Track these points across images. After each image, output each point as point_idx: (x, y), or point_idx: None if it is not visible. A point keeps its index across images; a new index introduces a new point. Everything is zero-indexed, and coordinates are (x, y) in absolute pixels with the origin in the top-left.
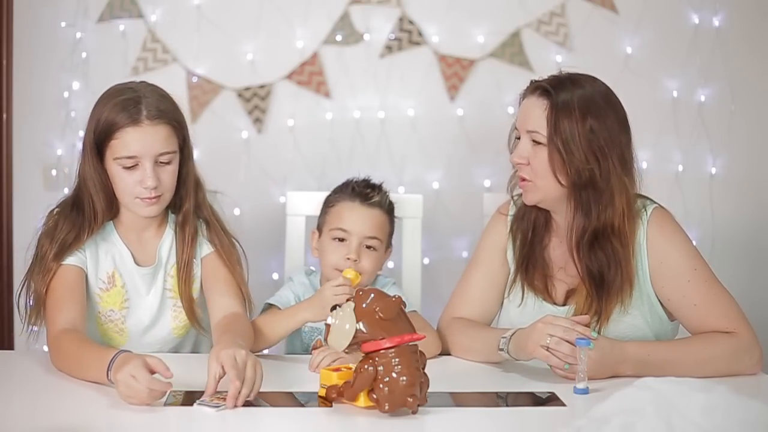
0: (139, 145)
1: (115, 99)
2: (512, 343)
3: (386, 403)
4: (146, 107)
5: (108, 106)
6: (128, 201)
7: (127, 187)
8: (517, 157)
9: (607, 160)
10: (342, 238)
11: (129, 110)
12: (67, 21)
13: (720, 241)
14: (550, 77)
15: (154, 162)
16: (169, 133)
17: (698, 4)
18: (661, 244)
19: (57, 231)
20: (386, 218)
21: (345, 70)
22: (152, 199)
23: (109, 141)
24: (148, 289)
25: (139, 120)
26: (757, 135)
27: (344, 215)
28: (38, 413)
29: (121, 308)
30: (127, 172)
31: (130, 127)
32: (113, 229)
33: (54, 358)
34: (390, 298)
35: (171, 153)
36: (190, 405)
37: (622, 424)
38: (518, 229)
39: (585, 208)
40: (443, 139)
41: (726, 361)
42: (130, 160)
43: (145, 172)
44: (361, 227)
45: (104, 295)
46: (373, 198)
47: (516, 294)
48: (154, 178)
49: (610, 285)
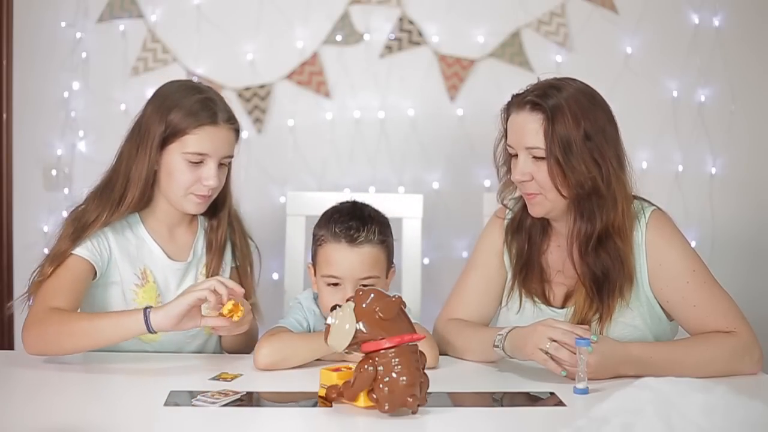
0: (213, 144)
1: (191, 96)
2: (508, 340)
3: (386, 403)
4: (223, 110)
5: (188, 100)
6: (180, 195)
7: (186, 181)
8: (520, 175)
9: (606, 162)
10: (335, 284)
11: (211, 109)
12: (67, 21)
13: (720, 242)
14: (531, 88)
15: (218, 163)
16: (234, 138)
17: (698, 4)
18: (660, 246)
19: (81, 216)
20: (379, 250)
21: (345, 70)
22: (206, 197)
23: (182, 136)
24: (178, 284)
25: (218, 120)
26: (757, 135)
27: (332, 260)
28: (38, 413)
29: (156, 303)
30: (190, 167)
31: (209, 125)
32: (140, 224)
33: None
34: (390, 298)
35: (231, 157)
36: (190, 404)
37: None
38: (514, 238)
39: (588, 215)
40: (443, 139)
41: (726, 361)
42: (199, 156)
43: (210, 171)
44: (352, 272)
45: (140, 291)
46: (359, 238)
47: (514, 301)
48: (217, 178)
49: (613, 283)
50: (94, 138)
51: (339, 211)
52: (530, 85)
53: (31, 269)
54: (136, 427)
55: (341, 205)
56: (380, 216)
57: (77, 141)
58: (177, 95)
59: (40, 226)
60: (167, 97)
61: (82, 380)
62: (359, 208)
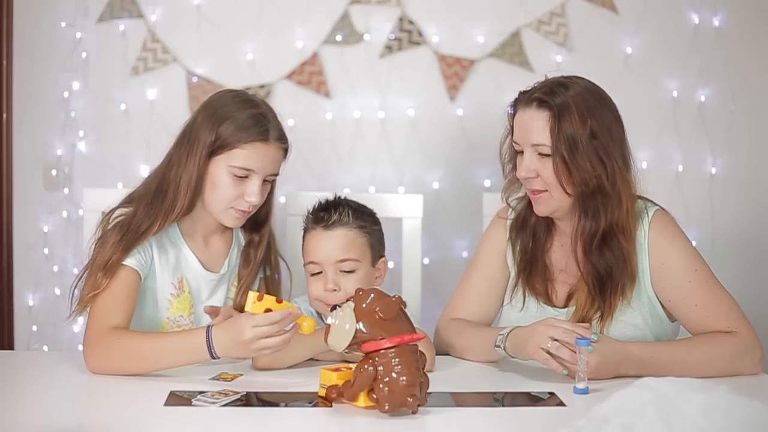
0: (261, 161)
1: (247, 110)
2: (509, 340)
3: (386, 403)
4: (275, 127)
5: (241, 114)
6: (221, 208)
7: (229, 195)
8: (525, 172)
9: (612, 161)
10: (316, 272)
11: (262, 125)
12: (67, 21)
13: (720, 242)
14: (539, 86)
15: (263, 180)
16: (282, 158)
17: (698, 4)
18: (663, 245)
19: (131, 223)
20: (356, 234)
21: (345, 70)
22: (245, 212)
23: (232, 147)
24: (210, 295)
25: (268, 138)
26: (757, 135)
27: (310, 246)
28: (38, 413)
29: (190, 314)
30: (234, 181)
31: (260, 142)
32: (178, 232)
33: (101, 357)
34: (390, 298)
35: (276, 175)
36: (190, 404)
37: (622, 424)
38: (518, 237)
39: (593, 213)
40: (443, 139)
41: (727, 361)
42: (245, 171)
43: (254, 187)
44: (327, 254)
45: (175, 301)
46: (331, 220)
47: (517, 299)
48: (260, 195)
49: (616, 282)
50: (94, 138)
51: (319, 202)
52: (538, 83)
53: (30, 269)
54: (136, 427)
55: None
56: (362, 207)
57: (77, 141)
58: (230, 107)
59: (40, 226)
60: (220, 108)
61: (83, 380)
62: (338, 199)
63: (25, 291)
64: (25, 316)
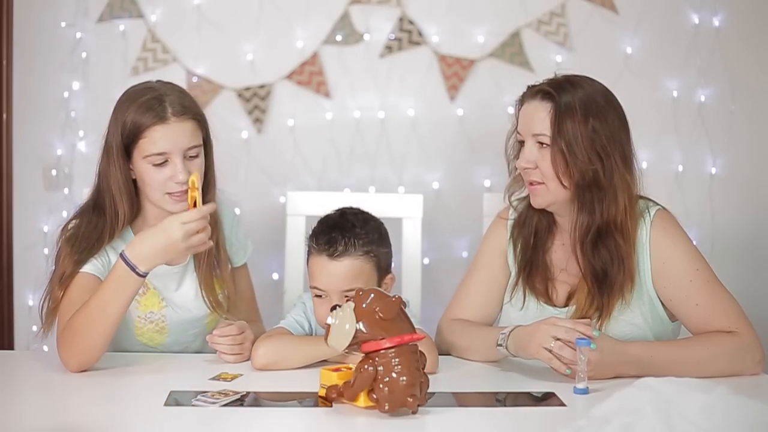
0: (168, 141)
1: (138, 100)
2: (511, 339)
3: (386, 403)
4: (170, 104)
5: (132, 108)
6: (158, 198)
7: (157, 183)
8: (524, 162)
9: (610, 159)
10: (321, 296)
11: (155, 109)
12: (67, 21)
13: (720, 241)
14: (548, 80)
15: (183, 157)
16: (195, 127)
17: (698, 4)
18: (664, 244)
19: (79, 236)
20: (362, 261)
21: (345, 70)
22: (182, 194)
23: (137, 141)
24: (178, 285)
25: (165, 117)
26: (757, 135)
27: (315, 273)
28: (38, 413)
29: (160, 308)
30: (157, 169)
31: (157, 125)
32: (132, 234)
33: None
34: (390, 298)
35: (198, 146)
36: (190, 404)
37: (622, 424)
38: (519, 235)
39: (589, 207)
40: (443, 139)
41: (728, 361)
42: (160, 156)
43: (176, 167)
44: (334, 284)
45: (142, 300)
46: (337, 251)
47: (517, 298)
48: (185, 173)
49: (612, 281)
50: (94, 138)
51: (325, 221)
52: (547, 79)
53: (30, 269)
54: (136, 427)
55: (331, 214)
56: (370, 225)
57: (77, 141)
58: (126, 103)
59: (40, 226)
60: (118, 108)
61: (83, 380)
62: (346, 219)
63: (25, 291)
64: (25, 316)
